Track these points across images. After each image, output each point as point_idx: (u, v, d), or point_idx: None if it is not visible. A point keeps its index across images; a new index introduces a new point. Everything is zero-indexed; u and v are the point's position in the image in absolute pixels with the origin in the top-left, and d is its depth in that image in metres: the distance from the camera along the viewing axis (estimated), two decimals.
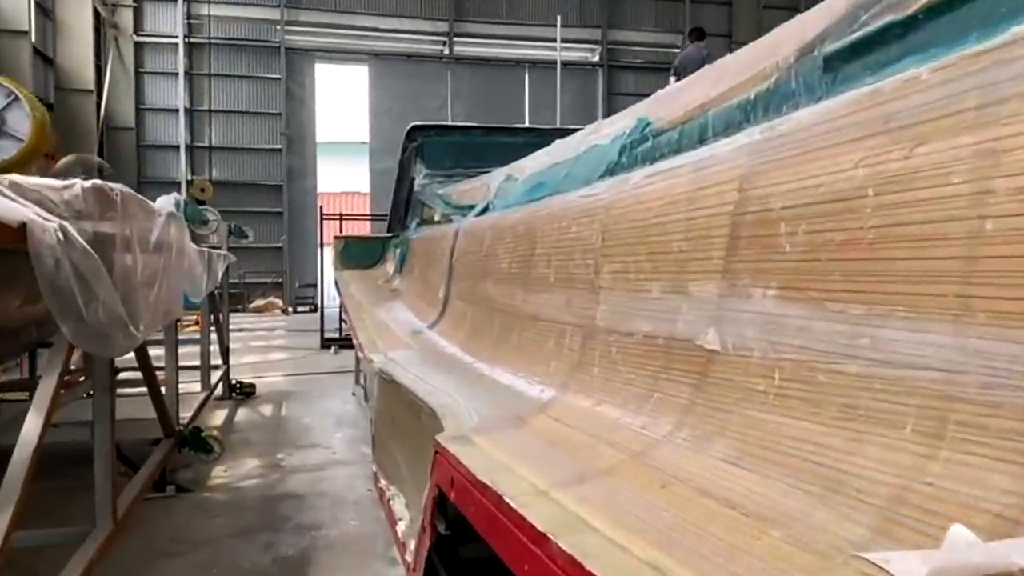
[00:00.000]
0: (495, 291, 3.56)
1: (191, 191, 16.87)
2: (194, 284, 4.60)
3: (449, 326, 4.41)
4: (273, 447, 5.33)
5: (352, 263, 7.44)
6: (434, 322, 4.73)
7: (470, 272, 4.19)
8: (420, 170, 6.76)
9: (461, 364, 3.49)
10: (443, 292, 4.85)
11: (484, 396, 2.69)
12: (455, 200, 5.61)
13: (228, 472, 4.68)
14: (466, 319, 4.09)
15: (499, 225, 3.76)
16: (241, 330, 15.01)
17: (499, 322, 3.40)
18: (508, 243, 3.49)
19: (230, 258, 6.86)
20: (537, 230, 3.05)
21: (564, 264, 2.64)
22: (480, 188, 5.11)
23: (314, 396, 7.43)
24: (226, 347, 7.14)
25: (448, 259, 4.81)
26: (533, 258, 3.04)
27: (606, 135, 3.18)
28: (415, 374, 3.38)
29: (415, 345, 4.27)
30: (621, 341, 2.03)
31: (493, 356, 3.28)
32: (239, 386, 7.24)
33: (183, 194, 19.53)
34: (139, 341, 2.65)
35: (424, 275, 5.60)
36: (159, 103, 21.07)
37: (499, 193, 4.56)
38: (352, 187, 26.41)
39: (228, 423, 6.16)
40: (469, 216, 4.78)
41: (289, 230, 21.82)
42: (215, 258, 6.00)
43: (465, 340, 3.86)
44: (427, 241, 5.77)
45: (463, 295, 4.29)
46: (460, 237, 4.62)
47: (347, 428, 5.96)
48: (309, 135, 22.40)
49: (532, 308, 2.93)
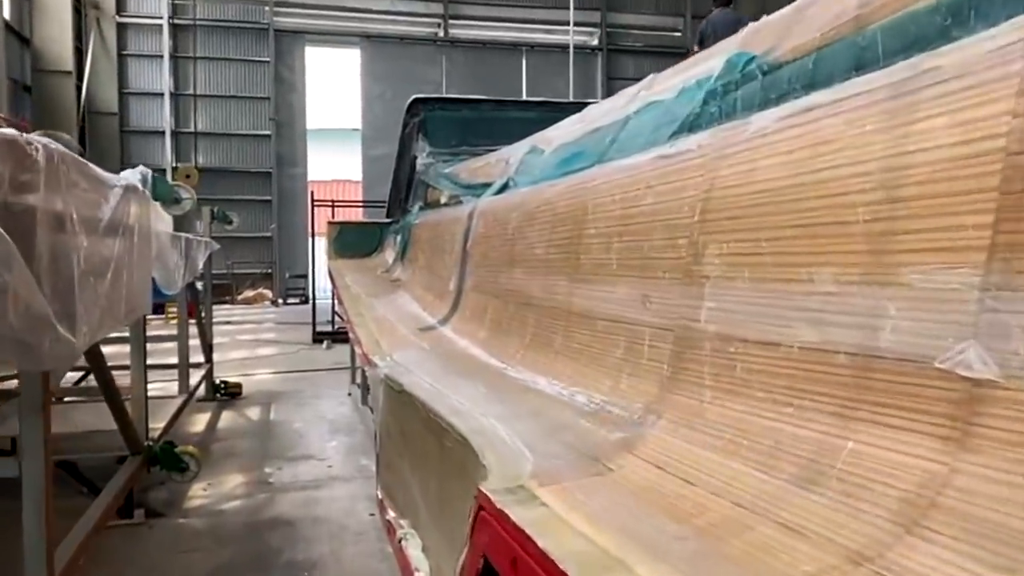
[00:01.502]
0: (526, 282, 2.95)
1: (176, 178, 16.14)
2: (167, 274, 3.96)
3: (464, 322, 3.80)
4: (261, 459, 4.70)
5: (347, 251, 6.81)
6: (445, 317, 4.11)
7: (490, 259, 3.58)
8: (423, 148, 6.12)
9: (487, 370, 2.88)
10: (455, 282, 4.24)
11: (529, 418, 2.08)
12: (465, 179, 4.98)
13: (208, 491, 4.05)
14: (486, 314, 3.48)
15: (528, 203, 3.14)
16: (229, 323, 14.35)
17: (534, 319, 2.79)
18: (543, 224, 2.88)
19: (212, 245, 6.22)
20: (587, 205, 2.43)
21: (634, 246, 2.02)
22: (496, 164, 4.49)
23: (306, 396, 6.80)
24: (209, 343, 6.50)
25: (461, 245, 4.19)
26: (582, 240, 2.43)
27: (668, 88, 2.57)
28: (431, 382, 2.77)
29: (425, 345, 3.66)
30: (754, 353, 1.41)
31: (528, 361, 2.67)
32: (223, 386, 6.61)
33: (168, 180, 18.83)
34: (78, 350, 2.02)
35: (431, 264, 4.97)
36: (143, 87, 20.28)
37: (521, 168, 3.94)
38: (344, 175, 25.71)
39: (210, 430, 5.53)
40: (485, 196, 4.16)
41: (279, 219, 21.11)
42: (195, 245, 5.36)
43: (487, 339, 3.25)
44: (433, 226, 5.15)
45: (481, 286, 3.68)
46: (475, 220, 3.99)
47: (343, 435, 5.34)
48: (299, 120, 21.65)
49: (584, 303, 2.32)
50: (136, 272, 3.02)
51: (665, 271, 1.83)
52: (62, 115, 15.67)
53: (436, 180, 5.59)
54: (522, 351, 2.82)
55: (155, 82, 20.26)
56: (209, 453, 4.82)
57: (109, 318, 2.51)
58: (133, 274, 2.93)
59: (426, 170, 5.91)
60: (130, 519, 3.52)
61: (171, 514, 3.70)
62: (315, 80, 22.30)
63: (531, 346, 2.76)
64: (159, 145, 20.24)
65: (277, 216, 21.12)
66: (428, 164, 5.99)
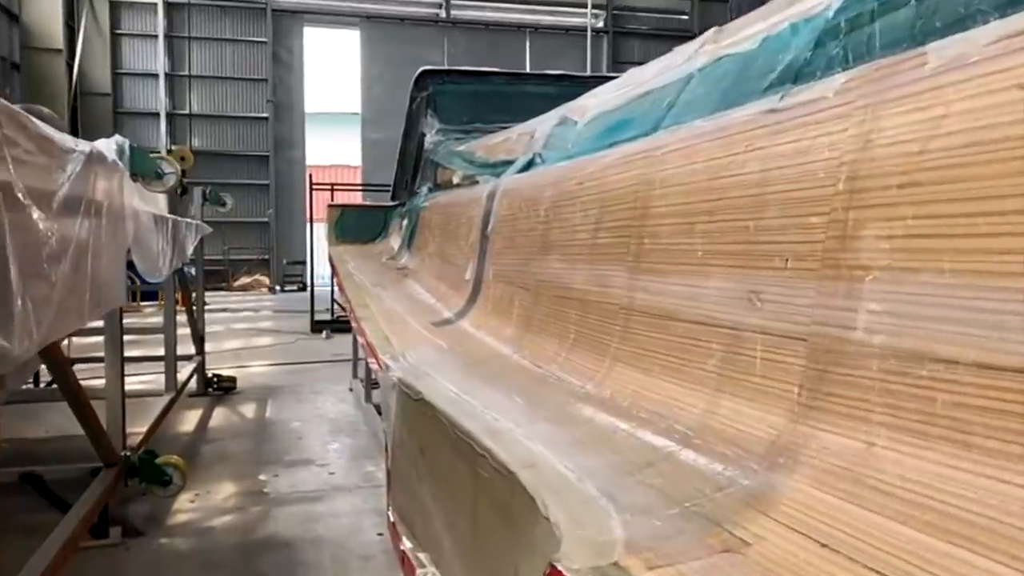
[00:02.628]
0: (566, 271, 2.50)
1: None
2: (149, 260, 3.50)
3: (486, 315, 3.35)
4: (255, 464, 4.26)
5: (350, 237, 6.35)
6: (462, 310, 3.67)
7: (516, 245, 3.13)
8: (431, 125, 5.65)
9: (521, 375, 2.43)
10: (472, 271, 3.79)
11: (593, 446, 1.64)
12: (482, 157, 4.52)
13: (196, 503, 3.61)
14: (513, 307, 3.03)
15: (566, 180, 2.69)
16: (224, 310, 13.91)
17: (577, 315, 2.35)
18: (587, 203, 2.43)
19: (204, 229, 5.76)
20: (653, 179, 1.98)
21: (731, 227, 1.57)
22: (519, 139, 4.02)
23: (304, 392, 6.35)
24: (200, 335, 6.05)
25: (479, 230, 3.74)
26: (646, 221, 1.98)
27: (744, 39, 2.12)
28: (454, 390, 2.33)
29: (442, 342, 3.21)
30: (966, 381, 0.96)
31: (574, 366, 2.23)
32: (216, 380, 6.16)
33: None
34: (16, 356, 1.57)
35: (443, 250, 4.52)
36: (137, 67, 19.73)
37: (550, 142, 3.48)
38: (343, 160, 25.18)
39: (200, 429, 5.08)
40: (507, 174, 3.70)
41: (276, 204, 20.62)
42: (183, 228, 4.90)
43: (517, 337, 2.81)
44: (445, 209, 4.69)
45: (506, 275, 3.22)
46: (497, 201, 3.54)
47: (345, 436, 4.90)
48: (297, 103, 21.13)
49: (652, 299, 1.87)
50: (106, 258, 2.56)
51: (786, 259, 1.38)
52: (52, 94, 15.13)
53: (447, 159, 5.13)
54: (564, 353, 2.38)
55: (149, 62, 19.70)
56: (198, 457, 4.38)
57: (68, 314, 2.06)
58: (102, 260, 2.48)
59: (436, 148, 5.44)
60: (104, 539, 3.08)
61: (152, 532, 3.26)
62: (314, 62, 21.75)
63: (576, 348, 2.32)
64: (153, 127, 19.70)
65: (274, 201, 20.63)
66: (438, 142, 5.52)
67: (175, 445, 4.61)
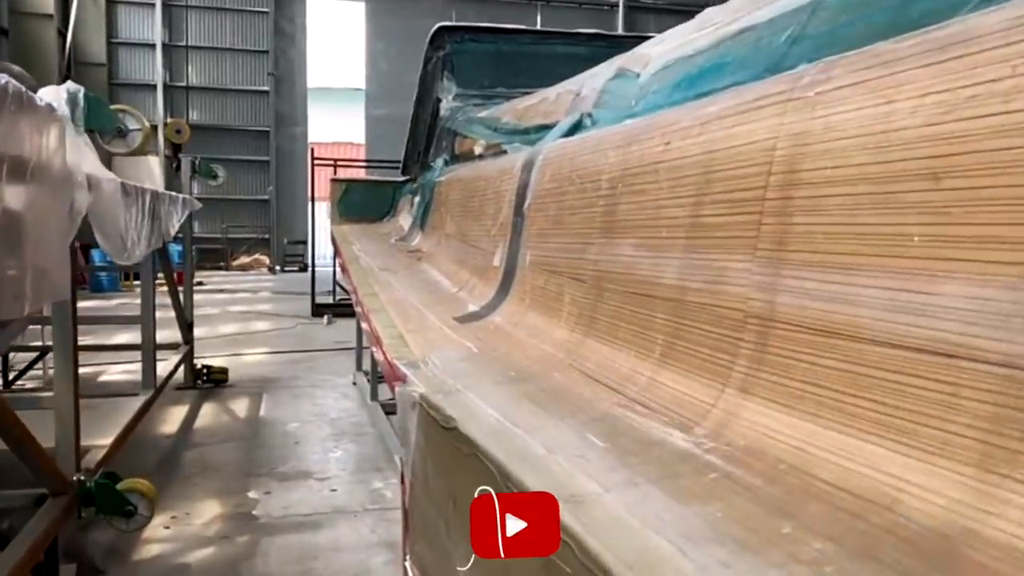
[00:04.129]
0: (649, 261, 1.89)
1: (165, 133, 14.90)
2: (113, 237, 2.89)
3: (523, 310, 2.75)
4: (244, 476, 3.67)
5: (355, 214, 5.72)
6: (492, 302, 3.06)
7: (566, 225, 2.51)
8: (448, 89, 5.01)
9: (590, 397, 1.83)
10: (503, 256, 3.18)
11: (755, 545, 1.03)
12: (510, 122, 3.89)
13: (171, 530, 3.03)
14: (562, 303, 2.42)
15: (643, 141, 2.07)
16: (221, 291, 13.31)
17: (668, 319, 1.74)
18: (682, 169, 1.80)
19: (192, 203, 5.14)
20: (806, 132, 1.37)
21: (998, 197, 0.95)
22: (559, 99, 3.39)
23: (303, 385, 5.76)
24: (188, 322, 5.44)
25: (511, 207, 3.12)
26: (796, 193, 1.36)
27: None
28: (500, 416, 1.73)
29: (471, 343, 2.60)
30: None
31: (671, 392, 1.62)
32: (206, 372, 5.57)
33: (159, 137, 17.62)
34: None
35: (463, 230, 3.90)
36: (133, 37, 19.01)
37: (604, 100, 2.85)
38: (346, 137, 24.46)
39: (184, 431, 4.49)
40: (547, 140, 3.08)
41: (277, 181, 19.96)
42: (167, 202, 4.29)
43: (573, 342, 2.20)
44: (466, 184, 4.06)
45: (550, 263, 2.61)
46: (537, 172, 2.91)
47: (348, 441, 4.31)
48: (299, 76, 20.41)
49: (817, 307, 1.26)
50: (44, 235, 1.96)
51: None
52: (42, 62, 14.42)
53: (467, 127, 4.49)
54: (648, 372, 1.76)
55: (146, 32, 18.97)
56: (179, 468, 3.80)
57: None
58: (37, 238, 1.87)
59: (453, 116, 4.81)
60: None
61: (116, 568, 2.67)
62: (317, 34, 21.01)
63: (668, 365, 1.71)
64: (150, 99, 19.00)
65: (275, 178, 19.97)
66: (456, 109, 4.89)
67: (152, 452, 4.03)
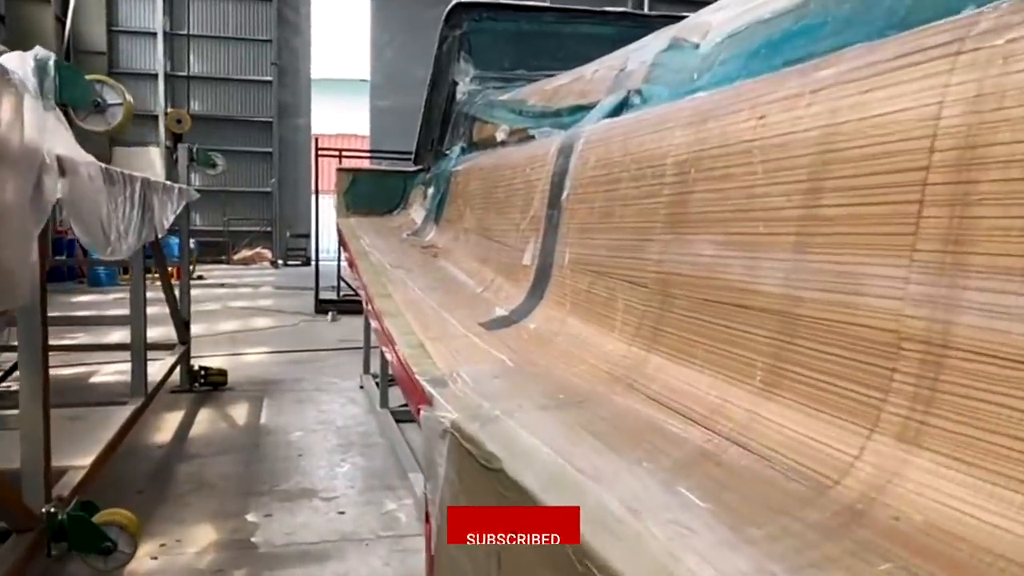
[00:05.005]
0: (740, 263, 1.52)
1: (166, 123, 14.53)
2: (91, 228, 2.53)
3: (563, 315, 2.38)
4: (243, 495, 3.32)
5: (362, 207, 5.36)
6: (524, 306, 2.69)
7: (617, 218, 2.15)
8: (465, 71, 4.64)
9: (670, 430, 1.47)
10: (535, 253, 2.82)
11: None
12: (537, 105, 3.52)
13: (159, 561, 2.68)
14: (615, 309, 2.05)
15: (722, 117, 1.71)
16: (222, 286, 12.96)
17: (773, 339, 1.37)
18: (784, 149, 1.45)
19: (189, 194, 4.79)
20: (993, 101, 1.00)
21: None
22: (596, 76, 3.01)
23: (307, 388, 5.41)
24: (184, 321, 5.09)
25: (545, 197, 2.76)
26: (981, 176, 1.00)
27: None
28: (554, 453, 1.38)
29: (504, 355, 2.24)
30: None
31: (786, 433, 1.27)
32: (204, 374, 5.22)
33: (160, 128, 17.25)
34: None
35: (486, 224, 3.53)
36: (134, 25, 18.63)
37: (656, 74, 2.49)
38: (350, 129, 24.09)
39: (178, 440, 4.14)
40: (587, 121, 2.72)
41: (279, 173, 19.60)
42: (160, 192, 3.93)
43: (635, 358, 1.84)
44: (488, 173, 3.69)
45: (597, 262, 2.24)
46: (577, 158, 2.54)
47: (356, 454, 3.95)
48: (303, 66, 20.03)
49: (987, 324, 0.89)
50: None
51: None
52: None
53: (487, 111, 4.13)
54: (745, 402, 1.40)
55: (147, 20, 18.59)
56: (172, 483, 3.45)
57: None
58: None
59: (471, 100, 4.44)
60: None
61: None
62: (321, 24, 20.63)
63: (775, 394, 1.35)
64: (151, 89, 18.64)
65: (278, 170, 19.61)
66: (473, 92, 4.52)
67: (142, 464, 3.68)
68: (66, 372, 5.54)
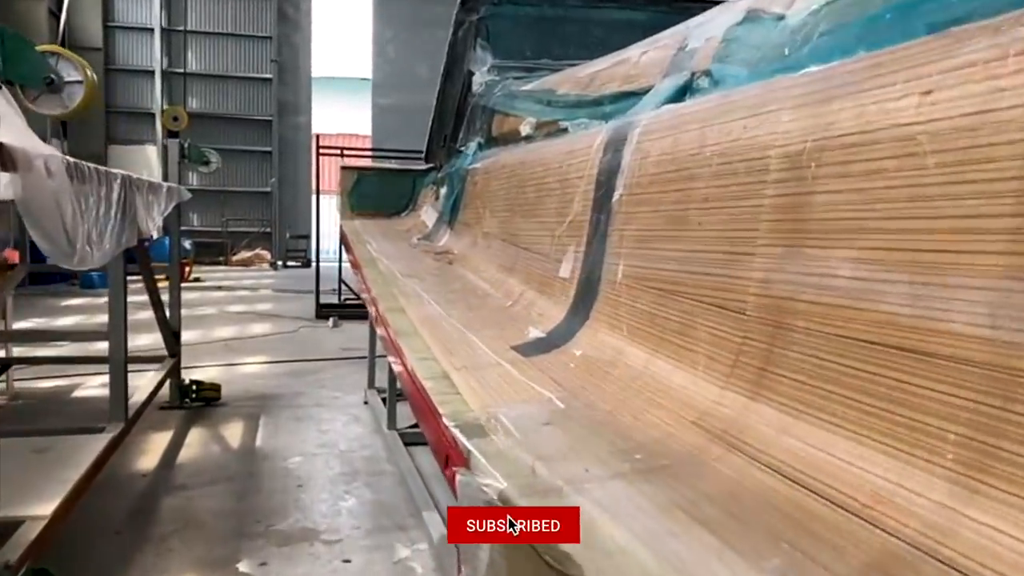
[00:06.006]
0: (901, 291, 1.12)
1: (163, 120, 14.17)
2: (51, 233, 2.12)
3: (620, 341, 1.98)
4: (234, 537, 2.92)
5: (368, 208, 4.97)
6: (565, 326, 2.30)
7: (693, 222, 1.74)
8: (482, 60, 4.24)
9: (815, 516, 1.06)
10: (575, 264, 2.42)
11: None
12: (570, 94, 3.11)
13: None
14: (695, 338, 1.65)
15: (843, 97, 1.31)
16: (220, 288, 12.55)
17: (978, 397, 0.97)
18: (974, 139, 1.03)
19: (181, 194, 4.39)
20: None
21: None
22: (647, 58, 2.60)
23: (306, 405, 5.00)
24: (174, 331, 4.69)
25: (590, 199, 2.36)
26: None
27: None
28: (653, 559, 0.96)
29: (550, 390, 1.83)
30: None
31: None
32: (195, 389, 4.81)
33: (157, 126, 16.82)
34: None
35: (511, 229, 3.13)
36: (130, 20, 18.23)
37: (730, 52, 2.08)
38: (351, 129, 23.65)
39: (165, 467, 3.74)
40: (640, 110, 2.31)
41: (279, 173, 19.19)
42: (143, 191, 3.53)
43: (732, 404, 1.44)
44: (513, 171, 3.28)
45: (663, 277, 1.83)
46: (634, 152, 2.13)
47: (362, 484, 3.55)
48: (304, 63, 19.64)
49: None
50: None
51: None
52: None
53: (509, 103, 3.72)
54: (942, 487, 1.00)
55: (144, 15, 18.20)
56: (155, 522, 3.04)
57: None
58: None
59: (489, 91, 4.04)
60: None
61: None
62: (322, 20, 20.23)
63: (988, 482, 0.95)
64: (148, 86, 18.26)
65: (277, 169, 19.21)
66: (491, 83, 4.11)
67: (122, 498, 3.28)
68: (44, 386, 5.13)
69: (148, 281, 4.12)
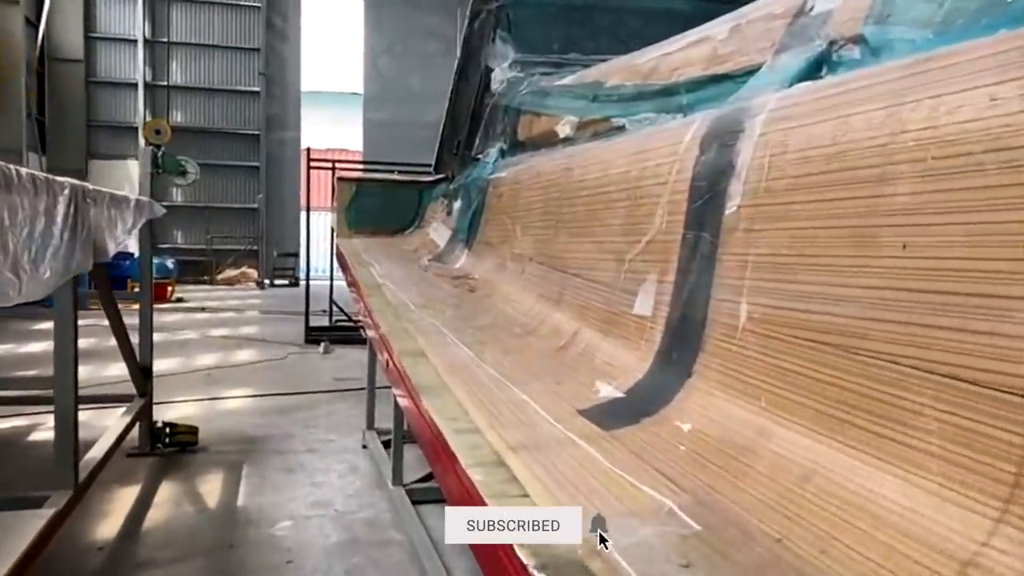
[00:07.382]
0: None
1: (144, 132, 13.55)
2: None
3: (752, 413, 1.37)
4: None
5: (367, 225, 4.37)
6: (652, 381, 1.71)
7: (883, 244, 1.16)
8: (503, 55, 3.68)
9: None
10: (661, 296, 1.85)
11: None
12: (628, 84, 2.53)
13: None
14: (899, 420, 1.06)
15: None
16: (203, 310, 11.87)
17: None
18: None
19: (152, 209, 3.78)
20: None
21: None
22: (738, 34, 2.03)
23: (297, 450, 4.38)
24: (144, 367, 4.06)
25: (680, 212, 1.77)
26: None
27: None
28: None
29: (660, 489, 1.24)
30: None
31: None
32: (168, 433, 4.18)
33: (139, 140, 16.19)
34: None
35: (554, 251, 2.54)
36: (113, 31, 17.63)
37: (892, 13, 1.51)
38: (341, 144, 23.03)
39: (125, 537, 3.10)
40: (755, 92, 1.74)
41: (267, 189, 18.56)
42: (103, 205, 2.95)
43: (1007, 539, 0.83)
44: (553, 180, 2.69)
45: (831, 325, 1.25)
46: (758, 146, 1.54)
47: (363, 559, 2.93)
48: (292, 76, 19.08)
49: None
50: None
51: None
52: (7, 55, 12.99)
53: (540, 101, 3.15)
54: None
55: (127, 26, 17.61)
56: None
57: None
58: None
59: (512, 89, 3.47)
60: None
61: None
62: (311, 32, 19.71)
63: None
64: (131, 99, 17.63)
65: (265, 185, 18.58)
66: (515, 80, 3.55)
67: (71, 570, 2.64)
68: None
69: (109, 309, 3.50)
